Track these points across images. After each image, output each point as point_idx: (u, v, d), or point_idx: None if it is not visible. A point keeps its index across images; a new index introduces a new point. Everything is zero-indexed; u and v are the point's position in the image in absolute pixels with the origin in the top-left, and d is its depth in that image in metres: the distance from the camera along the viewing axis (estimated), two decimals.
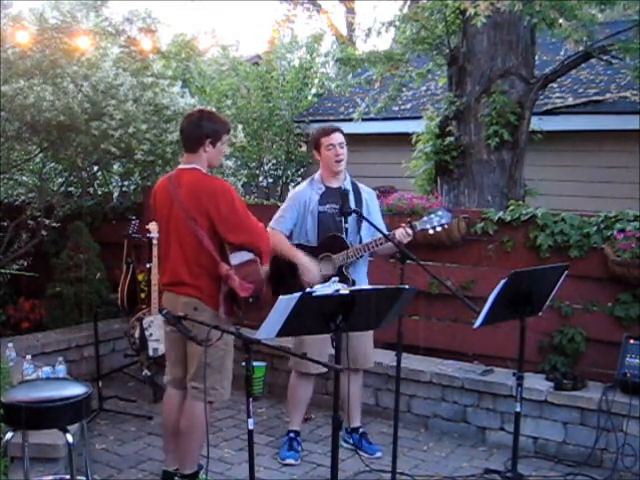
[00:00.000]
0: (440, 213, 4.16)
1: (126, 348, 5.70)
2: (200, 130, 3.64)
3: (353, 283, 4.12)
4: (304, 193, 4.35)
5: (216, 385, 3.62)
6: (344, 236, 4.14)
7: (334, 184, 4.31)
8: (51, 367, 4.45)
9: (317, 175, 4.40)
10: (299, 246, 4.27)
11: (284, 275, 4.21)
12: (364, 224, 4.20)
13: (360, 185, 4.42)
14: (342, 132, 4.33)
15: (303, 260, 4.18)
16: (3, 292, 6.75)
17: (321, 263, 4.23)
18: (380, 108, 8.14)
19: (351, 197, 4.21)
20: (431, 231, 4.14)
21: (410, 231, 4.06)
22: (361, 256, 4.21)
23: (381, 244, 4.10)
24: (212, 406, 3.76)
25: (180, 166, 3.79)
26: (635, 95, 7.81)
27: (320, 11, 17.97)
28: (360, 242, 4.22)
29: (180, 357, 3.74)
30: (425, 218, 4.17)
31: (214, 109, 7.71)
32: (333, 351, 4.13)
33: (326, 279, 4.00)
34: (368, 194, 4.41)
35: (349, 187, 4.31)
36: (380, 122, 9.01)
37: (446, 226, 4.16)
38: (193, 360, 3.63)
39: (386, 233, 4.00)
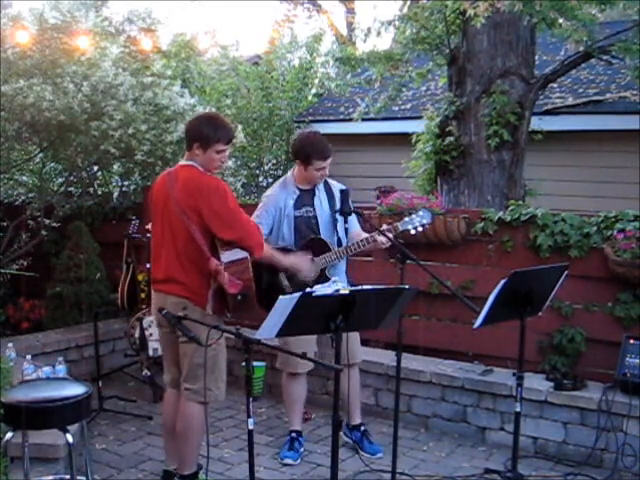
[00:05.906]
0: (421, 213, 4.17)
1: (126, 348, 5.70)
2: (191, 132, 3.67)
3: None
4: (279, 198, 4.27)
5: (210, 386, 3.58)
6: (331, 238, 4.17)
7: (307, 186, 4.29)
8: (51, 367, 4.44)
9: (289, 177, 4.34)
10: (282, 250, 4.15)
11: (267, 283, 4.12)
12: (340, 223, 4.19)
13: (331, 182, 4.37)
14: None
15: (290, 260, 4.08)
16: (3, 292, 6.75)
17: None
18: (380, 108, 8.14)
19: (324, 196, 4.25)
20: (412, 231, 4.13)
21: (390, 235, 4.02)
22: (343, 257, 4.21)
23: (364, 245, 4.10)
24: (208, 406, 3.74)
25: (180, 162, 3.81)
26: (635, 95, 7.81)
27: (320, 11, 18.00)
28: (339, 241, 4.20)
29: (174, 358, 3.75)
30: (406, 219, 4.17)
31: (214, 109, 7.73)
32: (317, 349, 4.18)
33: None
34: (340, 192, 4.32)
35: (321, 185, 4.30)
36: (380, 122, 9.01)
37: (427, 226, 4.16)
38: (184, 361, 3.64)
39: (380, 230, 4.01)
